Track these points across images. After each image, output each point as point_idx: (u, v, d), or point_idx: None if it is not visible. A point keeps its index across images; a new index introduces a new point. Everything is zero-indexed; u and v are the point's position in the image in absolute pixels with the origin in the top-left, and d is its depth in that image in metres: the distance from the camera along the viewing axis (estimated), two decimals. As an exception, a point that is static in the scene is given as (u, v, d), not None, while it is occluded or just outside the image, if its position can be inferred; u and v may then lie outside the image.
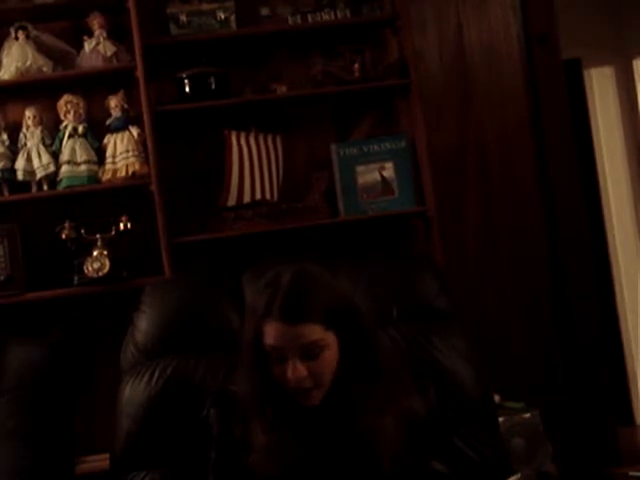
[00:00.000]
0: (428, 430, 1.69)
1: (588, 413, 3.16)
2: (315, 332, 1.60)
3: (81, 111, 2.91)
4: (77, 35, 2.96)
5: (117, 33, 2.96)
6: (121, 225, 2.88)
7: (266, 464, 1.61)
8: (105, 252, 2.82)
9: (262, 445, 1.61)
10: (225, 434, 1.68)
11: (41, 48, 2.91)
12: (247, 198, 2.96)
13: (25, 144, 2.89)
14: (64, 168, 2.87)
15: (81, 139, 2.90)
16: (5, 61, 2.89)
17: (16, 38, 2.89)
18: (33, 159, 2.86)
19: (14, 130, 2.92)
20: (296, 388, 1.61)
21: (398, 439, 1.62)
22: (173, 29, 2.95)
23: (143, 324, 2.08)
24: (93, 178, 2.90)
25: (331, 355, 1.63)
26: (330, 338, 1.62)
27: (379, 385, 1.65)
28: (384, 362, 1.68)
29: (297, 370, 1.59)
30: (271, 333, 1.61)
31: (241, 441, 1.65)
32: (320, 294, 1.63)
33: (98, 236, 2.85)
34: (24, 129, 2.90)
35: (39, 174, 2.86)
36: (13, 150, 2.90)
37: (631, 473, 2.99)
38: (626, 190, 4.12)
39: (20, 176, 2.87)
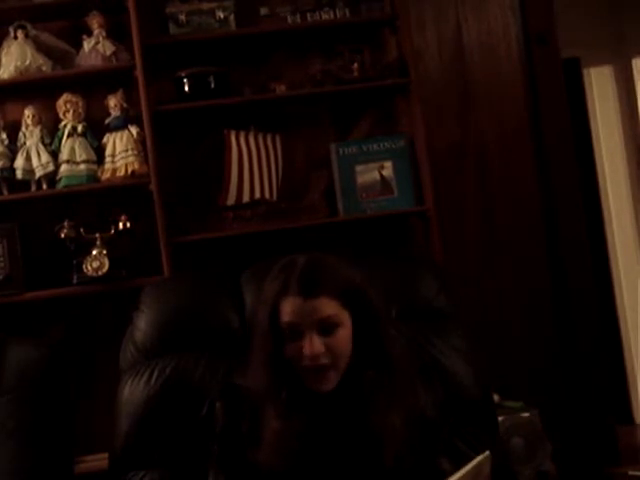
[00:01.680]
0: (435, 426, 1.69)
1: (587, 412, 3.16)
2: (331, 307, 1.61)
3: (80, 110, 2.91)
4: (76, 34, 2.96)
5: (116, 32, 2.96)
6: (120, 224, 2.88)
7: (276, 451, 1.60)
8: (104, 251, 2.82)
9: (274, 432, 1.61)
10: (230, 428, 1.67)
11: (40, 47, 2.91)
12: (246, 197, 2.96)
13: (24, 143, 2.89)
14: (63, 167, 2.87)
15: (80, 138, 2.90)
16: (4, 60, 2.89)
17: (15, 37, 2.89)
18: (32, 158, 2.86)
19: (13, 129, 2.92)
20: (312, 365, 1.61)
21: (404, 435, 1.62)
22: (172, 28, 2.95)
23: (142, 323, 2.08)
24: (92, 177, 2.90)
25: (346, 334, 1.63)
26: (345, 317, 1.64)
27: (390, 378, 1.65)
28: (393, 354, 1.68)
29: (314, 345, 1.59)
30: (288, 309, 1.62)
31: (247, 435, 1.64)
32: (335, 273, 1.66)
33: (97, 235, 2.85)
34: (23, 128, 2.90)
35: (38, 173, 2.86)
36: (12, 149, 2.89)
37: (630, 472, 2.99)
38: (625, 190, 4.12)
39: (19, 175, 2.87)
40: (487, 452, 1.51)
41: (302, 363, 1.61)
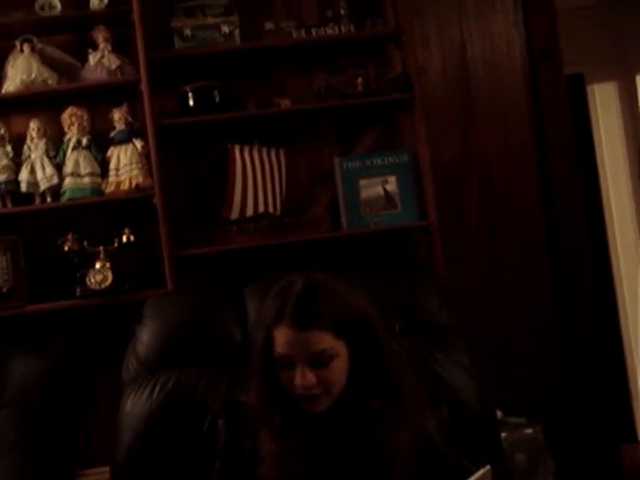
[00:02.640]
0: (442, 455, 1.67)
1: (591, 429, 3.14)
2: (325, 340, 1.59)
3: (85, 123, 2.92)
4: (82, 48, 2.97)
5: (122, 46, 2.97)
6: (124, 237, 2.88)
7: (275, 473, 1.59)
8: (108, 264, 2.82)
9: (271, 453, 1.60)
10: (232, 445, 1.67)
11: (46, 61, 2.92)
12: (250, 211, 2.96)
13: (29, 156, 2.89)
14: (68, 180, 2.87)
15: (85, 151, 2.90)
16: (10, 73, 2.90)
17: (21, 51, 2.90)
18: (37, 171, 2.87)
19: (18, 142, 2.92)
20: (304, 395, 1.60)
21: (410, 455, 1.61)
22: (177, 43, 2.96)
23: (145, 337, 2.08)
24: (96, 190, 2.90)
25: (341, 364, 1.62)
26: (340, 347, 1.61)
27: (392, 399, 1.64)
28: (397, 376, 1.66)
29: (306, 378, 1.58)
30: (281, 340, 1.60)
31: (249, 453, 1.63)
32: (332, 302, 1.62)
33: (101, 248, 2.86)
34: (28, 141, 2.91)
35: (43, 186, 2.87)
36: (17, 162, 2.90)
37: (633, 489, 2.98)
38: (629, 205, 4.12)
39: (24, 188, 2.87)
40: (488, 466, 1.51)
41: (294, 390, 1.61)
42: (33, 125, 2.90)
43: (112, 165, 2.92)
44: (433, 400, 1.74)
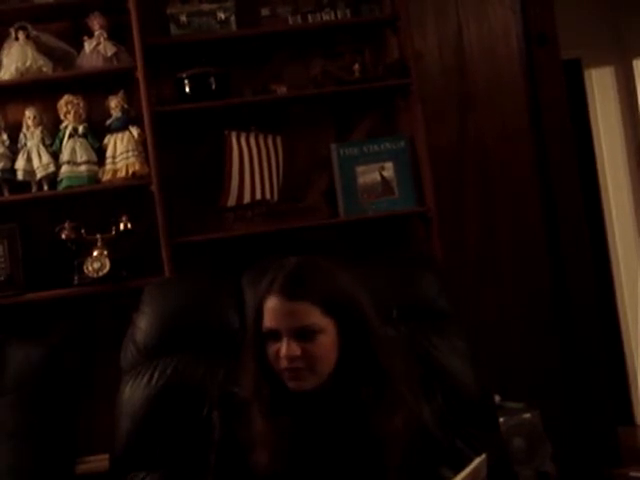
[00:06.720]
0: (437, 442, 1.68)
1: (588, 413, 3.15)
2: (312, 314, 1.61)
3: (81, 111, 2.92)
4: (77, 35, 2.97)
5: (117, 33, 2.96)
6: (121, 225, 2.88)
7: (266, 455, 1.60)
8: (105, 252, 2.82)
9: (262, 431, 1.61)
10: (227, 437, 1.67)
11: (41, 48, 2.91)
12: (247, 198, 2.96)
13: (25, 144, 2.89)
14: (64, 168, 2.87)
15: (81, 139, 2.90)
16: (5, 61, 2.89)
17: (16, 38, 2.89)
18: (33, 159, 2.87)
19: (14, 130, 2.92)
20: (288, 369, 1.61)
21: (405, 443, 1.61)
22: (173, 29, 2.95)
23: (143, 324, 2.08)
24: (93, 178, 2.90)
25: (327, 341, 1.62)
26: (327, 324, 1.62)
27: (382, 386, 1.64)
28: (387, 364, 1.66)
29: (290, 348, 1.59)
30: (269, 310, 1.62)
31: (244, 444, 1.64)
32: (322, 280, 1.65)
33: (98, 236, 2.86)
34: (24, 129, 2.90)
35: (39, 174, 2.86)
36: (13, 150, 2.90)
37: (631, 474, 3.00)
38: (626, 190, 4.12)
39: (20, 176, 2.87)
40: (484, 455, 1.51)
41: (279, 364, 1.62)
42: (29, 113, 2.90)
43: (109, 153, 2.92)
44: (427, 388, 1.74)
